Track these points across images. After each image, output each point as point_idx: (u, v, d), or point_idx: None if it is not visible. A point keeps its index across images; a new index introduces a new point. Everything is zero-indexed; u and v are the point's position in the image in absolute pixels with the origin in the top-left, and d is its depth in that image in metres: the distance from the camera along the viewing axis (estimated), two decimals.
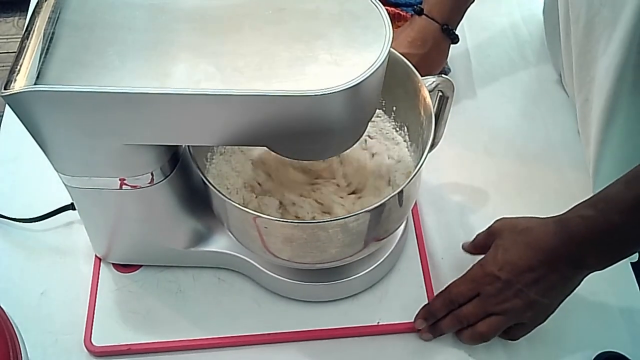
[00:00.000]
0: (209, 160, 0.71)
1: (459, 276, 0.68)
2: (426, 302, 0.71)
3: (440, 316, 0.68)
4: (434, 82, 0.63)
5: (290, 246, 0.62)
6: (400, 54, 0.64)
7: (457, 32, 0.83)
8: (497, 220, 0.69)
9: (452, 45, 0.85)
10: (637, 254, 0.76)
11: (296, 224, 0.59)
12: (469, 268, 0.68)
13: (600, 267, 0.62)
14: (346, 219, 0.58)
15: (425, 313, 0.69)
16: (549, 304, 0.65)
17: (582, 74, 0.73)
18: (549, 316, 0.66)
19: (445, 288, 0.69)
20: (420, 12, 0.81)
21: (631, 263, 0.75)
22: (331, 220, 0.58)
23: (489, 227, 0.69)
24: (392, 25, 0.51)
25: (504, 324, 0.66)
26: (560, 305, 0.71)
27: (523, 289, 0.63)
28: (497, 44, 0.97)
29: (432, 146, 0.65)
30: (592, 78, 0.70)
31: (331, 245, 0.61)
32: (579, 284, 0.64)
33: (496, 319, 0.65)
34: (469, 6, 0.83)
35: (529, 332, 0.67)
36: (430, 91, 0.62)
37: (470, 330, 0.67)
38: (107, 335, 0.70)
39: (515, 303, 0.64)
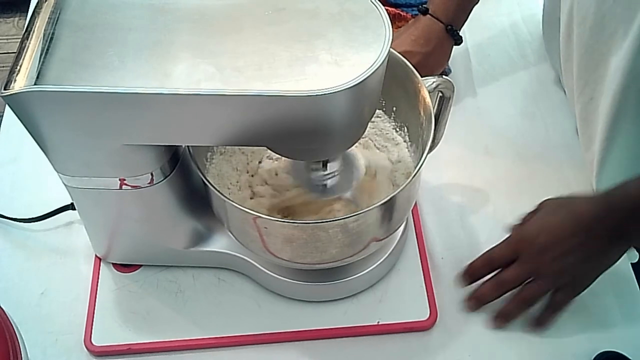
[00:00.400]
0: (209, 160, 0.71)
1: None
2: (426, 301, 0.71)
3: (480, 274, 0.70)
4: (434, 82, 0.63)
5: (290, 246, 0.62)
6: (403, 51, 0.64)
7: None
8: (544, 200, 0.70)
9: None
10: (637, 254, 0.76)
11: (296, 224, 0.59)
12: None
13: None
14: (346, 220, 0.58)
15: (466, 272, 0.71)
16: (586, 273, 0.66)
17: (586, 73, 0.73)
18: (587, 286, 0.67)
19: (485, 252, 0.70)
20: (425, 12, 0.82)
21: (631, 263, 0.75)
22: (331, 221, 0.58)
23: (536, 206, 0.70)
24: (392, 26, 0.51)
25: (542, 288, 0.67)
26: None
27: (560, 256, 0.64)
28: (497, 43, 0.97)
29: (432, 147, 0.65)
30: (600, 76, 0.70)
31: (331, 245, 0.61)
32: (618, 259, 0.65)
33: (535, 284, 0.67)
34: (473, 7, 0.83)
35: (569, 300, 0.68)
36: (430, 92, 0.62)
37: (513, 301, 0.68)
38: (107, 335, 0.70)
39: (551, 268, 0.65)
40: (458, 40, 0.83)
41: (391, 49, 0.52)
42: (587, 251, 0.64)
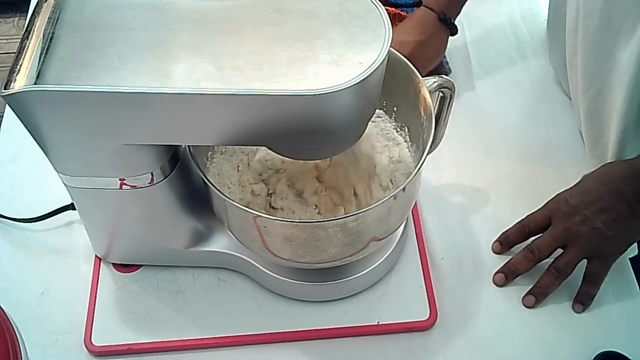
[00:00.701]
0: (209, 159, 0.71)
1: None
2: (426, 301, 0.71)
3: (514, 241, 0.74)
4: (435, 82, 0.63)
5: (289, 245, 0.62)
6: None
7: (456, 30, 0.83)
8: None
9: (452, 46, 0.85)
10: (636, 248, 0.76)
11: (296, 223, 0.59)
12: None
13: None
14: (345, 219, 0.58)
15: (500, 239, 0.75)
16: (615, 238, 0.67)
17: (594, 68, 0.73)
18: (618, 255, 0.69)
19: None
20: (419, 4, 0.83)
21: (631, 263, 0.75)
22: (330, 220, 0.58)
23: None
24: (392, 25, 0.52)
25: (574, 255, 0.68)
26: (561, 306, 0.72)
27: (589, 217, 0.66)
28: (497, 43, 0.97)
29: (433, 147, 0.65)
30: (608, 70, 0.71)
31: (331, 245, 0.61)
32: None
33: (566, 253, 0.69)
34: None
35: (603, 271, 0.69)
36: (431, 92, 0.62)
37: (546, 273, 0.70)
38: (107, 335, 0.70)
39: (581, 230, 0.67)
40: (453, 30, 0.84)
41: (391, 49, 0.52)
42: (615, 213, 0.66)
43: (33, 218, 0.77)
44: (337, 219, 0.58)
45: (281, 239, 0.61)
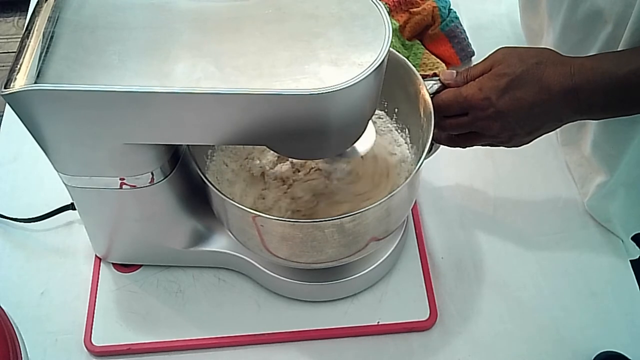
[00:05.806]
0: (209, 157, 0.71)
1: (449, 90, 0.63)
2: (426, 301, 0.71)
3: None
4: (435, 84, 0.63)
5: (286, 245, 0.62)
6: None
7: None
8: (497, 50, 0.64)
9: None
10: (638, 249, 0.76)
11: (292, 222, 0.59)
12: (465, 87, 0.62)
13: (598, 118, 0.64)
14: (342, 219, 0.58)
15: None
16: (527, 136, 0.63)
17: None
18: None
19: (438, 97, 0.63)
20: None
21: (631, 263, 0.75)
22: (327, 220, 0.58)
23: (487, 58, 0.63)
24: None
25: (480, 141, 0.65)
26: (561, 306, 0.72)
27: (515, 125, 0.61)
28: (497, 43, 0.96)
29: (432, 150, 0.65)
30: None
31: (327, 245, 0.61)
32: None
33: (475, 137, 0.64)
34: None
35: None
36: (431, 95, 0.62)
37: (450, 138, 0.66)
38: (107, 335, 0.70)
39: (499, 132, 0.62)
40: None
41: (391, 49, 0.52)
42: (539, 123, 0.61)
43: (33, 218, 0.77)
44: (333, 219, 0.58)
45: (278, 238, 0.61)
